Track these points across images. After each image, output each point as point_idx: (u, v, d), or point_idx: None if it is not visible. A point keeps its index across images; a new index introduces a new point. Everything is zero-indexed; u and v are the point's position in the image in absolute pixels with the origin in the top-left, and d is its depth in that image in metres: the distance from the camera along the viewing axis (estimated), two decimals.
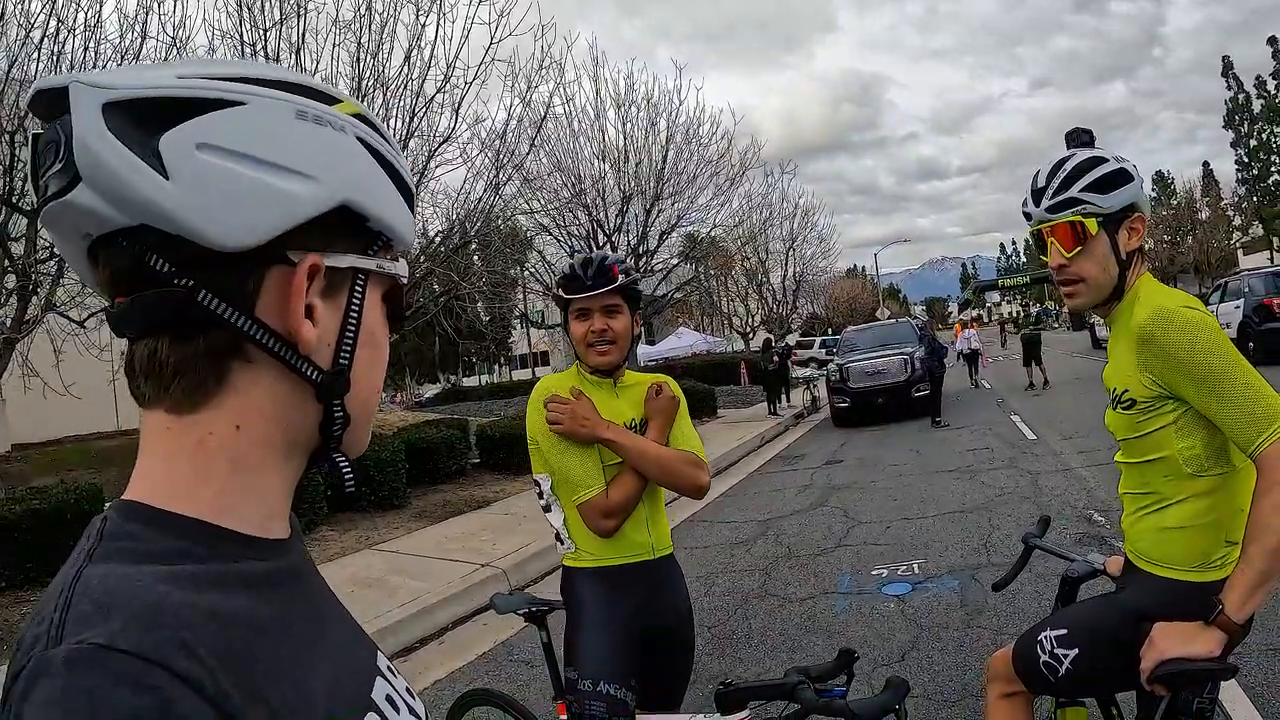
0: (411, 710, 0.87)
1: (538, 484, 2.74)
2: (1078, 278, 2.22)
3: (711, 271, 37.89)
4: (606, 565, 2.66)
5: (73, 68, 8.96)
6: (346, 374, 0.80)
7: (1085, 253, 2.19)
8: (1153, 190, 63.78)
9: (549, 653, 2.96)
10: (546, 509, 2.74)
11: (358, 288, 0.81)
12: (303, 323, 0.74)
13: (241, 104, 0.71)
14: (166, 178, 0.67)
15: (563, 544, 2.72)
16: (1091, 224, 2.17)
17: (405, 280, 0.89)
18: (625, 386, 2.82)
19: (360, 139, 0.79)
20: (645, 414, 2.77)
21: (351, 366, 0.80)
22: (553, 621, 2.96)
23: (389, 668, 0.89)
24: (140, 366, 0.74)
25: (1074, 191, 2.19)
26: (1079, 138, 2.30)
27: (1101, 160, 2.19)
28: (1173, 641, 1.96)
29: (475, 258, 15.34)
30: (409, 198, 0.86)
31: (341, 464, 0.84)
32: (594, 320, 2.68)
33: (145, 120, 0.68)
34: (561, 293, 2.72)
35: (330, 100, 0.79)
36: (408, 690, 0.90)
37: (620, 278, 2.67)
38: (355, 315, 0.81)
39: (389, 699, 0.84)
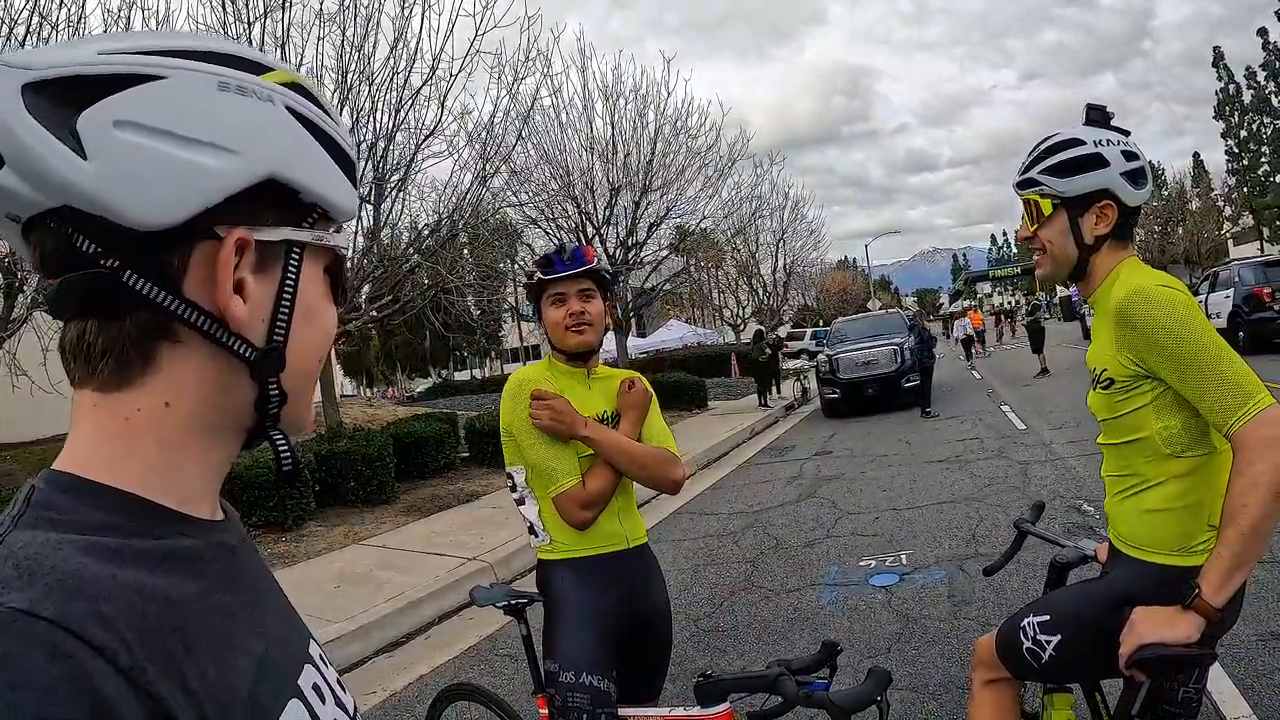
0: (339, 702, 0.86)
1: (511, 477, 2.72)
2: (1041, 248, 2.31)
3: (702, 264, 37.79)
4: (582, 556, 2.64)
5: None
6: (281, 351, 0.79)
7: (1043, 230, 2.28)
8: None
9: (529, 646, 2.93)
10: (520, 501, 2.72)
11: (293, 261, 0.80)
12: (232, 299, 0.73)
13: (161, 78, 0.69)
14: (84, 158, 0.66)
15: (536, 536, 2.70)
16: (1046, 205, 2.25)
17: (346, 251, 0.88)
18: (598, 379, 2.82)
19: (291, 109, 0.77)
20: (618, 407, 2.76)
21: (287, 343, 0.79)
22: (533, 615, 2.93)
23: (321, 657, 0.89)
24: (69, 348, 0.73)
25: (1034, 172, 2.26)
26: (1091, 114, 2.30)
27: (1076, 143, 2.20)
28: (1151, 626, 1.94)
29: (465, 251, 15.28)
30: (349, 168, 0.84)
31: (279, 442, 0.82)
32: (570, 303, 2.68)
33: (64, 99, 0.67)
34: (539, 274, 2.71)
35: (260, 69, 0.77)
36: (338, 682, 0.90)
37: (595, 261, 2.69)
38: (290, 290, 0.79)
39: (315, 688, 0.83)
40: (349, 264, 12.48)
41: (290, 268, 0.79)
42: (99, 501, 0.70)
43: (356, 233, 12.68)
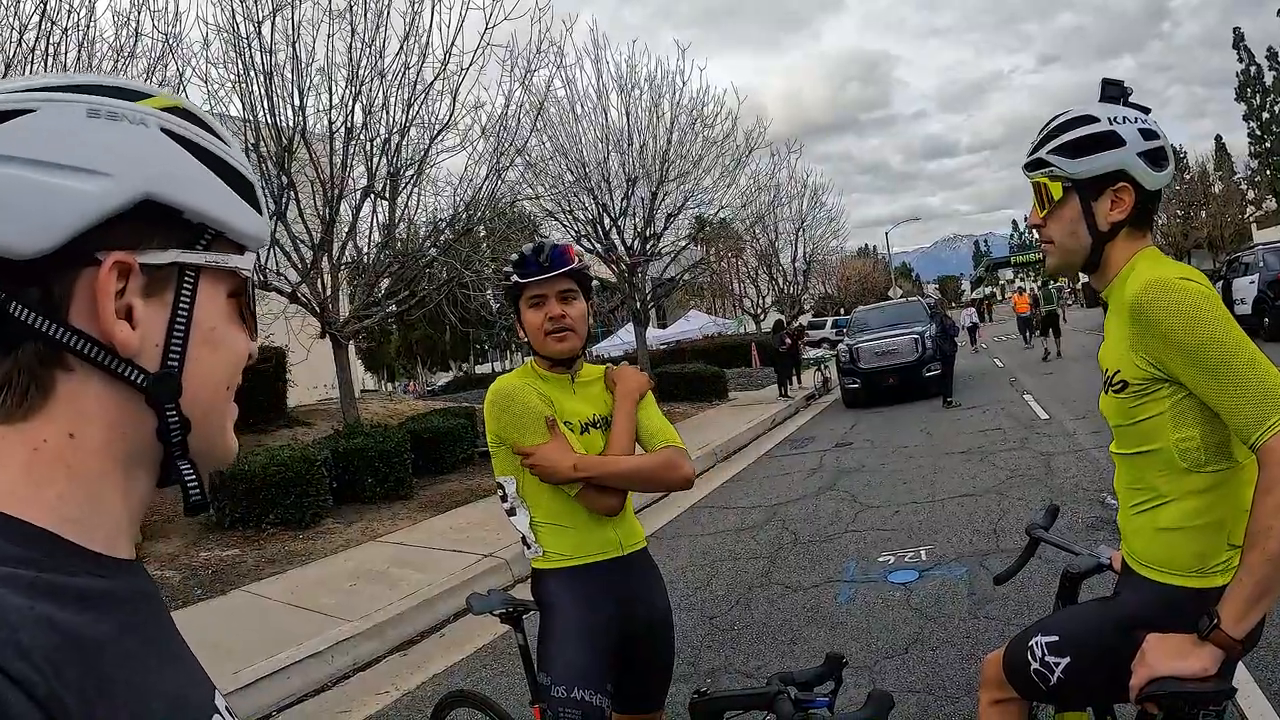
0: None
1: (501, 486, 2.64)
2: (1048, 239, 2.15)
3: (721, 254, 37.67)
4: (576, 565, 2.56)
5: (67, 68, 8.94)
6: (176, 376, 0.78)
7: (1052, 216, 2.11)
8: None
9: (525, 656, 2.87)
10: (511, 512, 2.64)
11: (186, 284, 0.79)
12: (115, 324, 0.73)
13: (30, 111, 0.71)
14: None
15: (529, 548, 2.62)
16: (1055, 188, 2.08)
17: (248, 273, 0.86)
18: (583, 383, 2.72)
19: (168, 131, 0.77)
20: (610, 397, 2.69)
21: (183, 368, 0.78)
22: (531, 623, 2.86)
23: (227, 708, 0.87)
24: None
25: (1043, 152, 2.09)
26: (1107, 90, 2.13)
27: (1089, 120, 2.03)
28: (1164, 657, 1.82)
29: (484, 245, 15.23)
30: (244, 189, 0.83)
31: (187, 474, 0.81)
32: (550, 306, 2.57)
33: None
34: (516, 277, 2.58)
35: (138, 96, 0.78)
36: None
37: (576, 260, 2.58)
38: (184, 313, 0.79)
39: None
40: (365, 259, 12.49)
41: (184, 291, 0.78)
42: (11, 534, 0.68)
43: (372, 228, 12.68)
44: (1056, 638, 2.17)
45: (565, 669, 2.44)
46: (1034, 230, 2.21)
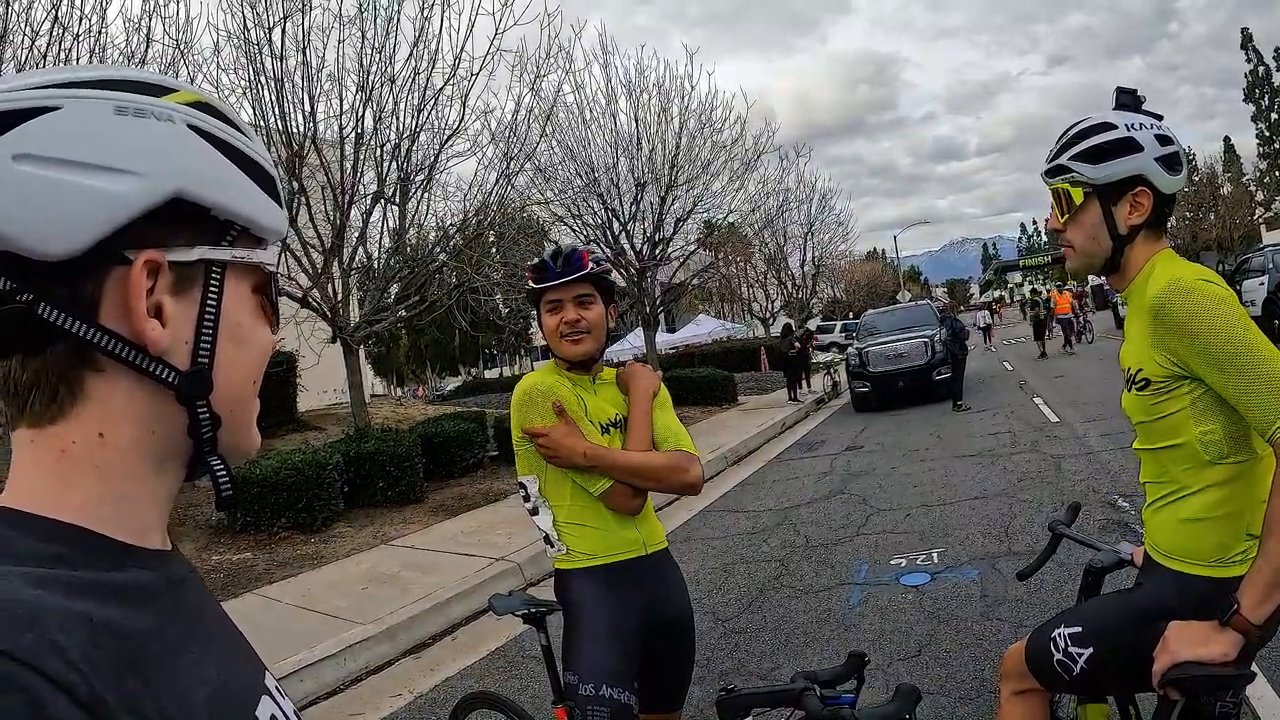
0: None
1: (524, 486, 2.66)
2: (1069, 243, 2.21)
3: (730, 258, 37.64)
4: (599, 564, 2.58)
5: None
6: (207, 373, 0.78)
7: (1073, 221, 2.17)
8: None
9: (548, 656, 2.88)
10: (534, 512, 2.66)
11: (213, 281, 0.79)
12: (147, 323, 0.72)
13: (56, 109, 0.70)
14: None
15: (552, 547, 2.64)
16: (1077, 193, 2.13)
17: (273, 268, 0.87)
18: (603, 383, 2.75)
19: (194, 127, 0.77)
20: (622, 388, 2.74)
21: (213, 364, 0.78)
22: (553, 623, 2.87)
23: (277, 687, 0.88)
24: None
25: (1064, 159, 2.15)
26: (1121, 98, 2.19)
27: (1108, 127, 2.10)
28: (1186, 643, 1.86)
29: (494, 250, 15.26)
30: (267, 184, 0.84)
31: (218, 469, 0.82)
32: (566, 311, 2.61)
33: None
34: (531, 283, 2.64)
35: (163, 91, 0.77)
36: (296, 713, 0.89)
37: (591, 266, 2.61)
38: (212, 310, 0.79)
39: (273, 719, 0.82)
40: (375, 264, 12.52)
41: (211, 288, 0.79)
42: (44, 534, 0.69)
43: (383, 233, 12.71)
44: (1079, 629, 2.20)
45: (592, 667, 2.46)
46: (1054, 235, 2.26)
